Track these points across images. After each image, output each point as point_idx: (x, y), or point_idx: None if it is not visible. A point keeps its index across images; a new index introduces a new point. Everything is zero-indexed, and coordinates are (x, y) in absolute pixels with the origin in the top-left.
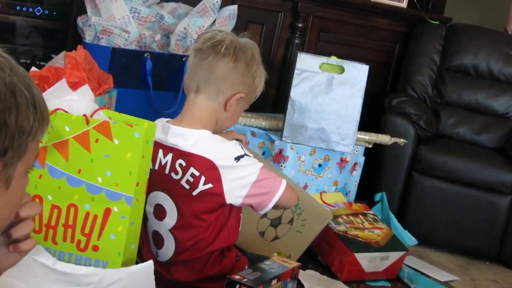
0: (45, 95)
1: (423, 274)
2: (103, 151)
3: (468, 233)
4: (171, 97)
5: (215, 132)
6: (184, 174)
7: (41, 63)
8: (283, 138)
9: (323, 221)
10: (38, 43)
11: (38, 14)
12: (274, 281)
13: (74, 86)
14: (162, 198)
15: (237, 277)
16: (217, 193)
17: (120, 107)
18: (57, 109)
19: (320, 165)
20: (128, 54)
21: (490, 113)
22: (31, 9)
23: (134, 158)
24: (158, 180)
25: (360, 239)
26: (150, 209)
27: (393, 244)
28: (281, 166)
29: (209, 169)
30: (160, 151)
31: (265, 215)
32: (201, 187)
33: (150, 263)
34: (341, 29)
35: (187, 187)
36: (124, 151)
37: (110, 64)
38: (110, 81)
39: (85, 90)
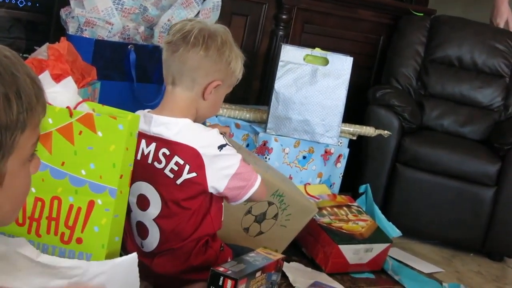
0: None
1: (407, 265)
2: (86, 143)
3: (452, 225)
4: (154, 89)
5: (196, 121)
6: (168, 162)
7: (24, 55)
8: (267, 130)
9: (308, 214)
10: (21, 35)
11: (20, 6)
12: (258, 273)
13: (57, 78)
14: (145, 188)
15: (221, 269)
16: (200, 182)
17: (104, 99)
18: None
19: (304, 157)
20: (112, 46)
21: (474, 104)
22: (13, 1)
23: (118, 151)
24: (140, 170)
25: (344, 231)
26: (134, 200)
27: (377, 236)
28: (266, 158)
29: (193, 157)
30: (143, 141)
31: (249, 211)
32: (185, 175)
33: (134, 256)
34: (326, 21)
35: (171, 175)
36: (108, 144)
37: (94, 56)
38: (94, 73)
39: (69, 82)
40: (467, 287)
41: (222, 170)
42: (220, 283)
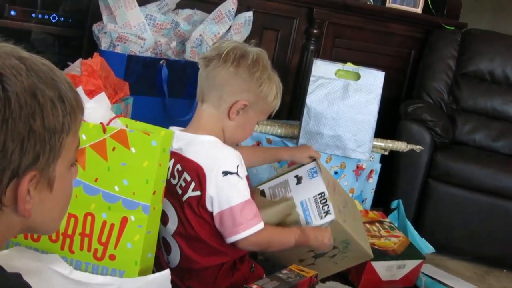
0: None
1: (440, 282)
2: (120, 159)
3: (485, 240)
4: (186, 104)
5: (225, 143)
6: (179, 178)
7: None
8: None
9: (363, 259)
10: (54, 50)
11: (53, 21)
12: None
13: (90, 93)
14: (165, 203)
15: (254, 286)
16: (202, 202)
17: (136, 115)
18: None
19: (336, 173)
20: (144, 62)
21: (506, 119)
22: (46, 16)
23: (151, 167)
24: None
25: (377, 247)
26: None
27: (410, 252)
28: None
29: (198, 176)
30: None
31: (312, 249)
32: (190, 193)
33: (166, 272)
34: (356, 35)
35: (180, 192)
36: (141, 160)
37: (126, 72)
38: (126, 89)
39: (102, 98)
40: None
41: (218, 198)
42: None
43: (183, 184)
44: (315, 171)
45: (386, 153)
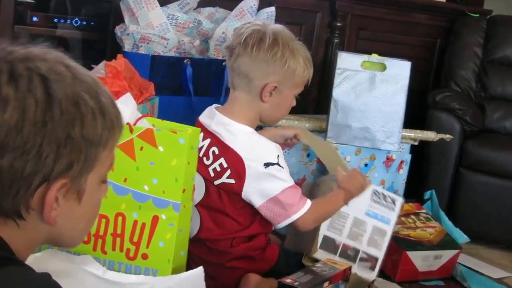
0: None
1: (475, 271)
2: (148, 158)
3: None
4: (212, 102)
5: (266, 124)
6: (213, 161)
7: None
8: (327, 139)
9: None
10: (77, 54)
11: (75, 25)
12: (325, 284)
13: (116, 95)
14: (196, 176)
15: (288, 280)
16: (236, 191)
17: (162, 114)
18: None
19: (366, 165)
20: (168, 61)
21: None
22: (68, 21)
23: (180, 165)
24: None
25: (412, 238)
26: None
27: (446, 242)
28: None
29: (237, 165)
30: (201, 134)
31: None
32: (224, 179)
33: (200, 270)
34: (380, 26)
35: (212, 174)
36: (169, 158)
37: (151, 72)
38: (152, 89)
39: (128, 99)
40: None
41: (261, 189)
42: None
43: (218, 169)
44: None
45: (416, 143)
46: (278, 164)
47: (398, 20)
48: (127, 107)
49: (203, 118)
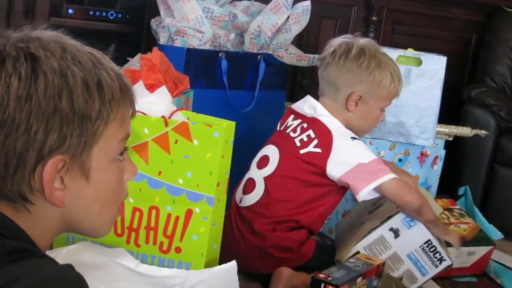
0: None
1: (509, 268)
2: (182, 152)
3: None
4: (247, 96)
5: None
6: (301, 133)
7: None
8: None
9: None
10: (113, 47)
11: (111, 18)
12: (359, 279)
13: (151, 88)
14: (271, 150)
15: (321, 275)
16: (320, 160)
17: (197, 108)
18: (136, 111)
19: (400, 160)
20: (203, 54)
21: None
22: (104, 14)
23: (214, 158)
24: (276, 137)
25: None
26: (256, 160)
27: (480, 238)
28: None
29: (325, 136)
30: (291, 116)
31: None
32: (311, 148)
33: (233, 264)
34: (416, 21)
35: (299, 144)
36: (204, 152)
37: (186, 65)
38: (187, 82)
39: (163, 92)
40: None
41: (347, 157)
42: None
43: (305, 139)
44: (411, 219)
45: (451, 138)
46: (359, 139)
47: (433, 15)
48: (162, 100)
49: (295, 105)
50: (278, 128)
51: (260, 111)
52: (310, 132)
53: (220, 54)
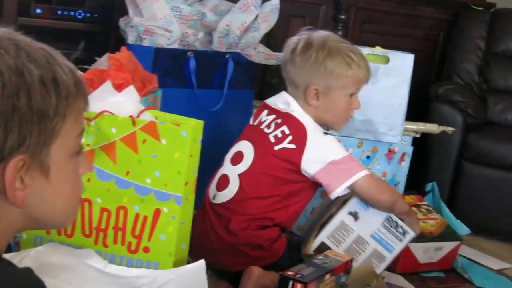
0: (90, 97)
1: (476, 263)
2: (150, 151)
3: None
4: (216, 95)
5: (329, 128)
6: (275, 129)
7: (85, 66)
8: (330, 132)
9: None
10: (81, 46)
11: (79, 17)
12: (327, 276)
13: (119, 87)
14: (245, 145)
15: (290, 273)
16: (295, 156)
17: (165, 107)
18: (103, 111)
19: (368, 157)
20: (172, 54)
21: None
22: (72, 13)
23: (182, 158)
24: (250, 132)
25: None
26: (229, 156)
27: (447, 234)
28: None
29: (299, 132)
30: (265, 111)
31: None
32: (285, 144)
33: (201, 263)
34: (384, 20)
35: (273, 140)
36: (172, 151)
37: (154, 64)
38: (155, 81)
39: (130, 91)
40: None
41: (322, 155)
42: (289, 287)
43: (280, 135)
44: None
45: (418, 135)
46: (332, 135)
47: (401, 13)
48: (130, 99)
49: (269, 100)
50: (251, 123)
51: (229, 110)
52: (285, 128)
53: (188, 53)
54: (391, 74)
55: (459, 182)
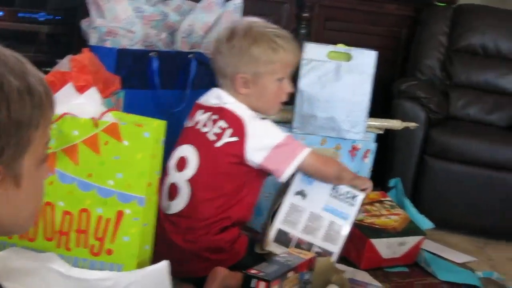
0: None
1: (439, 257)
2: (113, 153)
3: (483, 213)
4: (179, 95)
5: (260, 114)
6: (213, 126)
7: (47, 69)
8: (293, 129)
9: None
10: (43, 49)
11: (41, 19)
12: (290, 273)
13: (81, 89)
14: (187, 149)
15: (253, 271)
16: (238, 148)
17: (128, 108)
18: (65, 113)
19: None
20: (134, 55)
21: (500, 92)
22: (34, 15)
23: (145, 158)
24: (188, 135)
25: (376, 226)
26: (173, 163)
27: (411, 229)
28: None
29: (238, 123)
30: (200, 111)
31: None
32: (226, 138)
33: (164, 263)
34: (347, 17)
35: (213, 138)
36: (134, 152)
37: (117, 66)
38: (117, 83)
39: (92, 93)
40: (500, 275)
41: (263, 142)
42: (253, 285)
43: (218, 131)
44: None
45: (381, 132)
46: (269, 119)
47: (365, 10)
48: (92, 101)
49: (201, 99)
50: (187, 125)
51: None
52: (222, 122)
53: (151, 54)
54: (354, 71)
55: (422, 177)
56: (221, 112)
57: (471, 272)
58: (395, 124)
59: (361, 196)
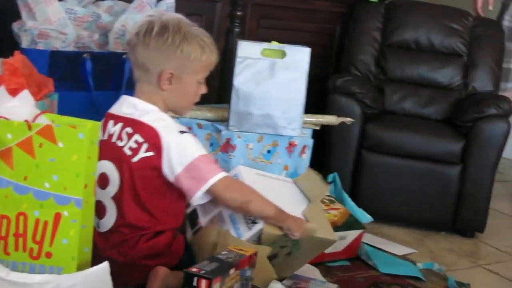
0: None
1: (380, 249)
2: (48, 155)
3: (421, 205)
4: (113, 96)
5: (175, 113)
6: (128, 140)
7: None
8: (230, 127)
9: (325, 246)
10: None
11: None
12: (232, 270)
13: (13, 92)
14: (106, 166)
15: (194, 269)
16: (155, 163)
17: (63, 110)
18: None
19: (269, 151)
20: (67, 56)
21: (434, 85)
22: None
23: (80, 160)
24: (104, 149)
25: None
26: (95, 179)
27: (350, 223)
28: (230, 155)
29: (153, 137)
30: (111, 122)
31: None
32: (142, 153)
33: (105, 265)
34: (281, 15)
35: (129, 153)
36: (70, 154)
37: (50, 68)
38: (51, 85)
39: (25, 96)
40: (441, 265)
41: (179, 157)
42: (194, 283)
43: (134, 146)
44: None
45: (318, 127)
46: (190, 133)
47: (298, 8)
48: (25, 104)
49: (112, 108)
50: (102, 138)
51: None
52: (137, 136)
53: (84, 55)
54: (288, 68)
55: (360, 171)
56: (135, 125)
57: (412, 264)
58: (331, 119)
59: (260, 226)
